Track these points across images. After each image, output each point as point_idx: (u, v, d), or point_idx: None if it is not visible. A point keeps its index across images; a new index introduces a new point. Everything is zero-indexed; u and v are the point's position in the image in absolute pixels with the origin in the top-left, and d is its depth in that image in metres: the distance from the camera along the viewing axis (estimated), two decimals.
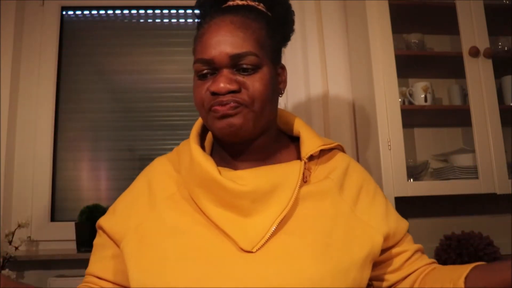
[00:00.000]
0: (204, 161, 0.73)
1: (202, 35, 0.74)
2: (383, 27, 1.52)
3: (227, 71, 0.71)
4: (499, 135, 1.51)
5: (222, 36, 0.72)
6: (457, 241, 1.47)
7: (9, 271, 1.41)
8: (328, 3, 1.79)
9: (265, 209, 0.69)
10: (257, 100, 0.72)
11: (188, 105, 1.83)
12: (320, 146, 0.79)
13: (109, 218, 0.80)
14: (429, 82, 1.64)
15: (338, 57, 1.76)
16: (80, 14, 1.87)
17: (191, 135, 0.80)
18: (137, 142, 1.80)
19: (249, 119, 0.72)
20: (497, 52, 1.67)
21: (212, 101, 0.72)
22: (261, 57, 0.73)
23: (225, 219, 0.69)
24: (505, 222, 1.72)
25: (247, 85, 0.72)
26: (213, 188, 0.70)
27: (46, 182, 1.67)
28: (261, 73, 0.73)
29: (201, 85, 0.74)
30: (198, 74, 0.74)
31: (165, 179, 0.79)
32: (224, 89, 0.70)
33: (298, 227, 0.69)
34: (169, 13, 1.90)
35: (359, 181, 0.80)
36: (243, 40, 0.72)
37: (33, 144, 1.68)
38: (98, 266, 0.79)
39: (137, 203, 0.78)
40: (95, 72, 1.85)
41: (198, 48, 0.75)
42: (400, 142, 1.46)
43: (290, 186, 0.71)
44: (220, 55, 0.71)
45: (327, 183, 0.76)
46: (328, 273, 0.64)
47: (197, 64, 0.74)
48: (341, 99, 1.74)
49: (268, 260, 0.65)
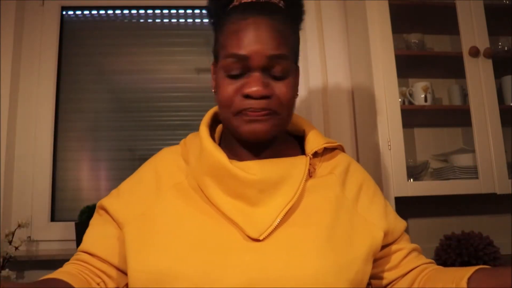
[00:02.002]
0: (215, 150, 0.73)
1: (236, 30, 0.71)
2: (383, 27, 1.52)
3: (259, 74, 0.71)
4: (499, 135, 1.51)
5: (260, 35, 0.70)
6: (457, 241, 1.47)
7: (9, 271, 1.41)
8: (328, 3, 1.79)
9: (272, 200, 0.70)
10: (285, 106, 0.73)
11: (188, 105, 1.83)
12: (324, 143, 0.81)
13: (113, 201, 0.79)
14: (429, 82, 1.64)
15: (338, 57, 1.76)
16: (80, 14, 1.87)
17: (202, 126, 0.80)
18: (137, 142, 1.80)
19: (275, 125, 0.73)
20: (497, 52, 1.67)
21: (244, 105, 0.71)
22: (291, 62, 0.74)
23: (232, 208, 0.69)
24: (505, 222, 1.72)
25: (277, 91, 0.72)
26: (223, 177, 0.71)
27: (46, 182, 1.67)
28: (290, 79, 0.74)
29: (229, 84, 0.72)
30: (229, 73, 0.72)
31: (173, 168, 0.79)
32: (259, 93, 0.69)
33: (303, 219, 0.70)
34: (169, 13, 1.90)
35: (359, 180, 0.82)
36: (281, 43, 0.71)
37: (33, 144, 1.68)
38: (95, 244, 0.77)
39: (143, 190, 0.78)
40: (95, 72, 1.85)
41: (231, 42, 0.71)
42: (400, 142, 1.46)
43: (296, 179, 0.73)
44: (258, 53, 0.69)
45: (331, 178, 0.78)
46: (332, 266, 0.65)
47: (229, 59, 0.71)
48: (341, 99, 1.74)
49: (275, 250, 0.66)
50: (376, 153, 1.48)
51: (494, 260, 1.42)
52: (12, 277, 1.44)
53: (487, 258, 1.41)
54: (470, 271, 0.68)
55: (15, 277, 1.50)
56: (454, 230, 1.53)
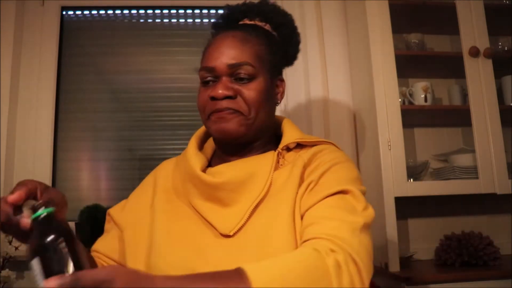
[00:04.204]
0: (193, 158, 0.82)
1: (208, 48, 0.85)
2: (383, 27, 1.52)
3: (226, 79, 0.80)
4: (499, 135, 1.51)
5: (223, 48, 0.81)
6: (457, 241, 1.47)
7: (9, 271, 1.41)
8: (328, 3, 1.79)
9: (243, 197, 0.76)
10: (252, 107, 0.80)
11: (188, 105, 1.83)
12: (298, 138, 0.84)
13: (118, 210, 0.90)
14: (429, 82, 1.64)
15: (338, 57, 1.76)
16: (80, 14, 1.87)
17: (194, 134, 0.90)
18: (137, 142, 1.80)
19: (241, 125, 0.80)
20: (497, 52, 1.67)
21: (212, 108, 0.80)
22: (258, 68, 0.81)
23: (207, 210, 0.77)
24: (505, 222, 1.72)
25: (243, 93, 0.80)
26: (196, 183, 0.79)
27: (46, 182, 1.64)
28: (256, 83, 0.81)
29: (203, 91, 0.83)
30: (202, 81, 0.83)
31: (168, 173, 0.89)
32: (221, 94, 0.79)
33: (269, 210, 0.75)
34: (169, 13, 1.90)
35: (320, 162, 0.79)
36: (241, 52, 0.81)
37: (33, 144, 1.68)
38: (101, 243, 0.88)
39: (141, 200, 0.88)
40: (95, 72, 1.85)
41: (203, 58, 0.85)
42: (400, 142, 1.46)
43: (264, 173, 0.78)
44: (220, 64, 0.80)
45: (296, 164, 0.78)
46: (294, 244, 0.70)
47: (201, 71, 0.83)
48: (341, 99, 1.74)
49: (244, 243, 0.72)
50: (376, 153, 1.48)
51: (494, 260, 1.42)
52: (12, 277, 1.44)
53: (487, 258, 1.42)
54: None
55: (15, 277, 1.50)
56: (454, 230, 1.53)
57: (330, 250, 0.61)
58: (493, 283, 1.31)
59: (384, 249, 1.41)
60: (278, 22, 0.91)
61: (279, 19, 0.92)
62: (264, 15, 0.91)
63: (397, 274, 1.36)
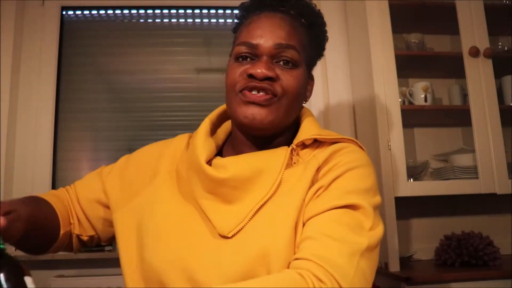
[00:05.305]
0: (200, 145, 0.75)
1: (249, 23, 0.76)
2: (383, 27, 1.52)
3: (268, 59, 0.73)
4: (499, 135, 1.51)
5: (271, 26, 0.74)
6: (457, 241, 1.47)
7: None
8: (328, 3, 1.79)
9: (248, 195, 0.69)
10: (288, 94, 0.73)
11: (188, 105, 1.83)
12: (313, 134, 0.75)
13: (115, 182, 0.83)
14: (429, 82, 1.64)
15: (338, 57, 1.76)
16: (80, 14, 1.87)
17: (209, 115, 0.82)
18: (137, 142, 1.80)
19: (273, 112, 0.72)
20: (497, 52, 1.67)
21: (246, 84, 0.72)
22: (301, 57, 0.75)
23: (209, 205, 0.71)
24: (505, 222, 1.72)
25: (283, 78, 0.73)
26: (200, 174, 0.72)
27: (46, 182, 1.67)
28: (298, 71, 0.75)
29: (236, 67, 0.74)
30: (237, 56, 0.75)
31: (176, 154, 0.82)
32: (262, 74, 0.71)
33: (273, 213, 0.68)
34: (169, 13, 1.90)
35: (335, 164, 0.72)
36: (290, 35, 0.74)
37: (33, 144, 1.68)
38: (85, 193, 0.86)
39: (141, 174, 0.81)
40: (95, 72, 1.85)
41: (243, 33, 0.76)
42: (400, 142, 1.46)
43: (274, 171, 0.71)
44: (266, 42, 0.73)
45: (310, 163, 0.72)
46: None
47: (240, 46, 0.75)
48: (341, 99, 1.74)
49: (241, 246, 0.66)
50: (376, 153, 1.48)
51: (494, 260, 1.42)
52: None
53: (487, 258, 1.42)
54: None
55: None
56: (454, 230, 1.53)
57: (317, 279, 0.56)
58: (493, 283, 1.31)
59: (384, 249, 1.41)
60: (312, 21, 0.83)
61: (313, 18, 0.83)
62: (300, 9, 0.81)
63: (397, 274, 1.36)
